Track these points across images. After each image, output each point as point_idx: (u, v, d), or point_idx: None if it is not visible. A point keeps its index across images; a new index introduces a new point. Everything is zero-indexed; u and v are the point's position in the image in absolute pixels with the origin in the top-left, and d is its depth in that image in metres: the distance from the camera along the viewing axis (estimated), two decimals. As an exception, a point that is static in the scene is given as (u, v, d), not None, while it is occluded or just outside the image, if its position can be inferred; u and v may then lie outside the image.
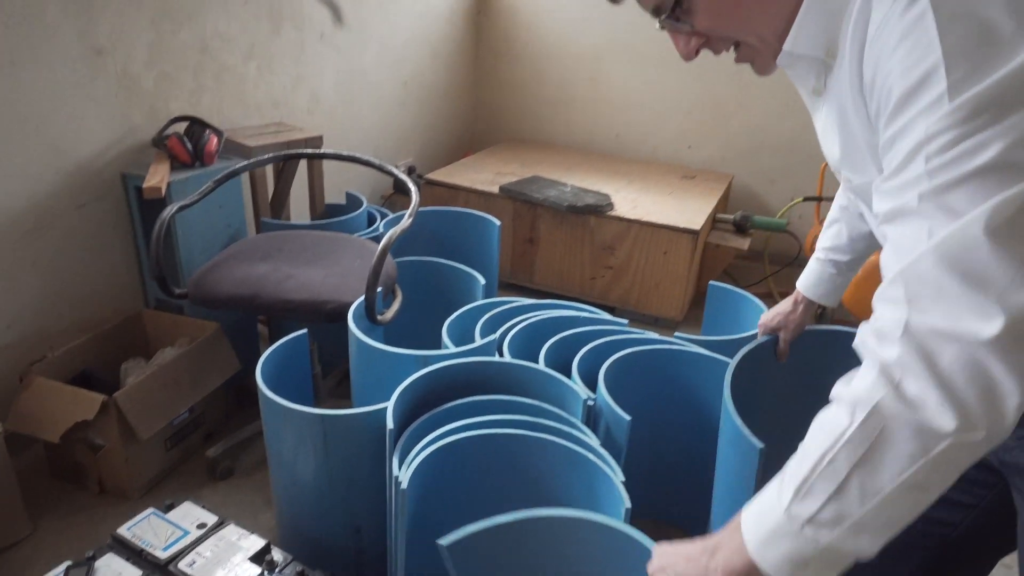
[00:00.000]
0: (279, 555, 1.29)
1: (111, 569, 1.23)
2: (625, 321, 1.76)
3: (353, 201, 2.39)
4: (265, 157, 1.98)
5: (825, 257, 1.18)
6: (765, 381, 1.35)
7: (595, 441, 1.27)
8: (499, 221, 2.23)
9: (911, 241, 0.54)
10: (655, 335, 1.68)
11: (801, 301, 1.25)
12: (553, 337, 1.63)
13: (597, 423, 1.42)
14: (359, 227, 2.23)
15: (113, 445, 1.61)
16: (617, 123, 3.58)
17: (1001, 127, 0.50)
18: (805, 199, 2.98)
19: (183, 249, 1.89)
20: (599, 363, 1.52)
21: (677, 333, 1.68)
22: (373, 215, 2.36)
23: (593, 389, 1.48)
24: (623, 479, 1.16)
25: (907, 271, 0.54)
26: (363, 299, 1.61)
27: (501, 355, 1.61)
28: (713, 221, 2.92)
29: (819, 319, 2.85)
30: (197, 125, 2.02)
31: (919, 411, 0.53)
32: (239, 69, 2.30)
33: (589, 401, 1.37)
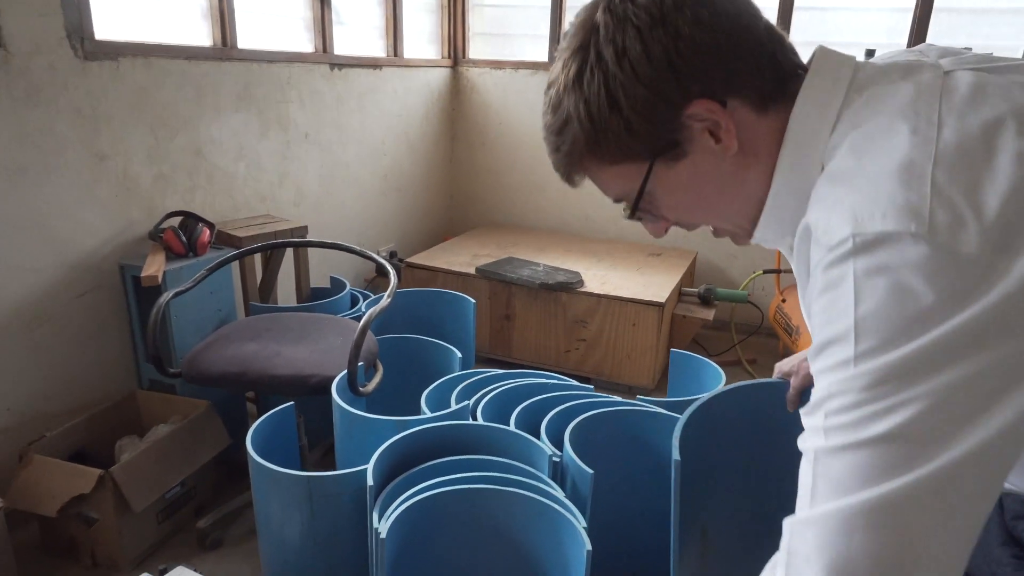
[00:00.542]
0: (267, 614, 1.37)
1: (107, 632, 1.30)
2: (591, 387, 1.89)
3: (337, 285, 2.55)
4: (254, 247, 2.15)
5: None
6: (725, 434, 1.35)
7: (560, 493, 1.39)
8: (474, 300, 2.38)
9: (803, 489, 0.56)
10: (618, 398, 1.81)
11: None
12: (523, 403, 1.76)
13: (564, 479, 1.53)
14: (342, 308, 2.38)
15: (107, 518, 1.69)
16: (586, 205, 3.81)
17: (899, 398, 0.50)
18: (764, 272, 3.18)
19: (177, 332, 2.02)
20: (566, 425, 1.64)
21: (639, 396, 1.81)
22: (356, 297, 2.51)
23: (560, 449, 1.59)
24: (585, 525, 1.27)
25: (793, 526, 0.56)
26: (346, 372, 1.74)
27: (475, 419, 1.73)
28: (679, 294, 3.10)
29: (783, 383, 2.99)
30: (191, 219, 2.19)
31: None
32: (229, 169, 2.50)
33: (555, 457, 1.49)
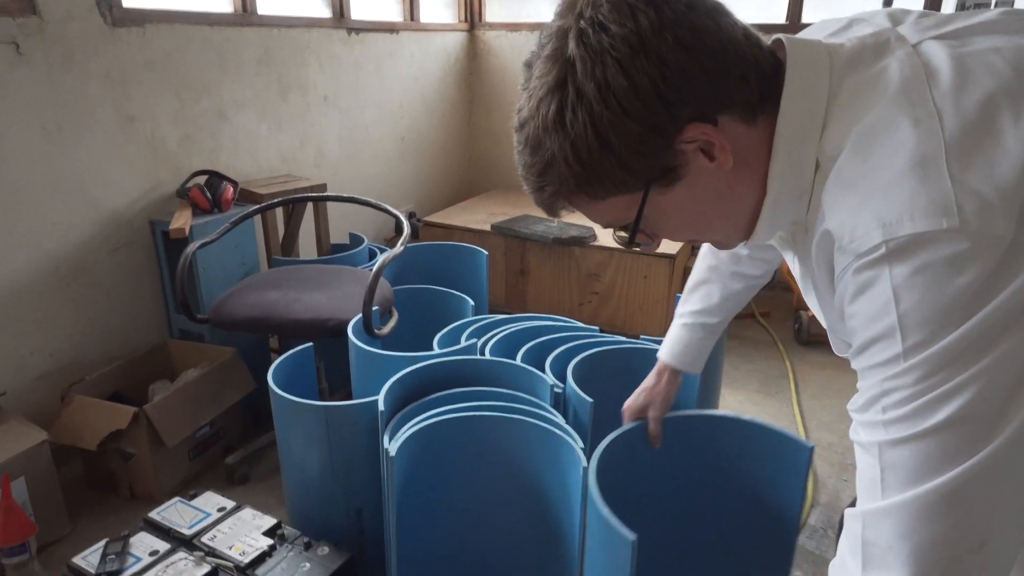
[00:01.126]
0: (289, 531, 1.48)
1: (144, 543, 1.43)
2: (596, 328, 1.96)
3: (356, 240, 2.64)
4: (276, 201, 2.25)
5: (693, 321, 1.13)
6: (643, 469, 1.25)
7: (560, 419, 1.46)
8: (486, 251, 2.46)
9: (870, 483, 0.56)
10: (621, 337, 1.88)
11: (665, 371, 1.17)
12: (530, 342, 1.84)
13: (566, 410, 1.61)
14: (361, 261, 2.47)
15: (143, 453, 1.82)
16: (603, 166, 3.84)
17: (954, 384, 0.51)
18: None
19: (204, 283, 2.14)
20: (569, 362, 1.72)
21: (643, 335, 1.88)
22: (374, 251, 2.60)
23: (564, 383, 1.67)
24: (583, 447, 1.35)
25: (867, 518, 0.56)
26: (361, 315, 1.83)
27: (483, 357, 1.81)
28: (691, 247, 3.13)
29: (797, 333, 3.03)
30: (215, 177, 2.29)
31: None
32: (252, 130, 2.59)
33: (556, 388, 1.56)
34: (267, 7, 2.61)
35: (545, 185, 0.66)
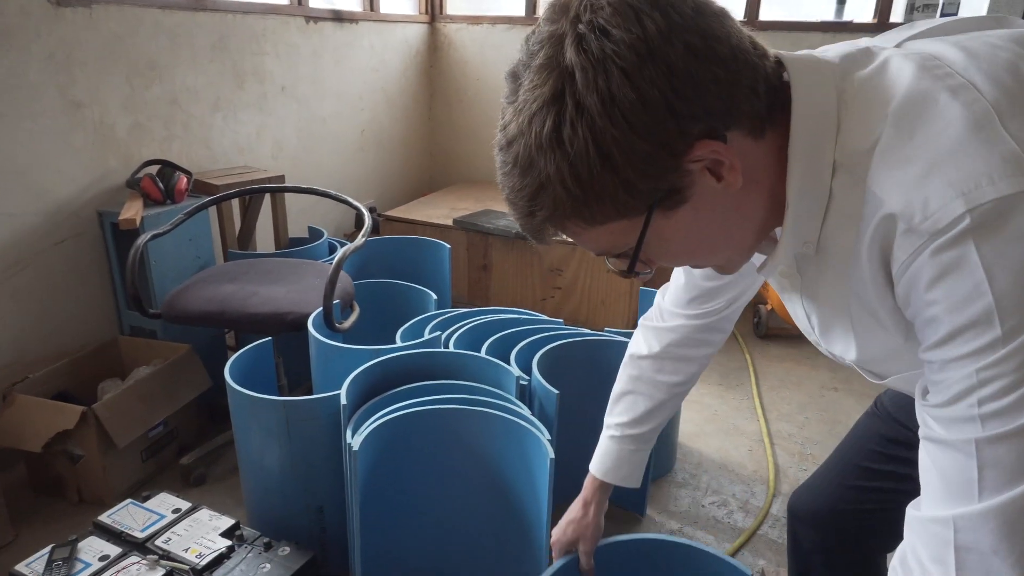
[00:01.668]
0: (248, 532, 1.43)
1: (93, 548, 1.36)
2: (560, 320, 1.95)
3: (315, 234, 2.58)
4: (231, 192, 2.18)
5: (620, 434, 1.06)
6: None
7: (526, 411, 1.45)
8: (448, 245, 2.43)
9: (962, 484, 0.52)
10: (585, 330, 1.87)
11: (591, 500, 1.09)
12: (494, 335, 1.81)
13: (532, 401, 1.60)
14: (321, 255, 2.42)
15: (92, 455, 1.74)
16: (564, 161, 3.83)
17: None
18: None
19: (156, 277, 2.06)
20: (534, 354, 1.70)
21: (607, 328, 1.87)
22: (334, 245, 2.55)
23: (529, 375, 1.65)
24: (549, 438, 1.33)
25: (961, 522, 0.52)
26: (321, 309, 1.79)
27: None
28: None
29: (756, 327, 3.07)
30: (168, 167, 2.21)
31: None
32: (206, 119, 2.51)
33: (522, 380, 1.55)
34: (221, -7, 2.53)
35: (537, 210, 0.59)
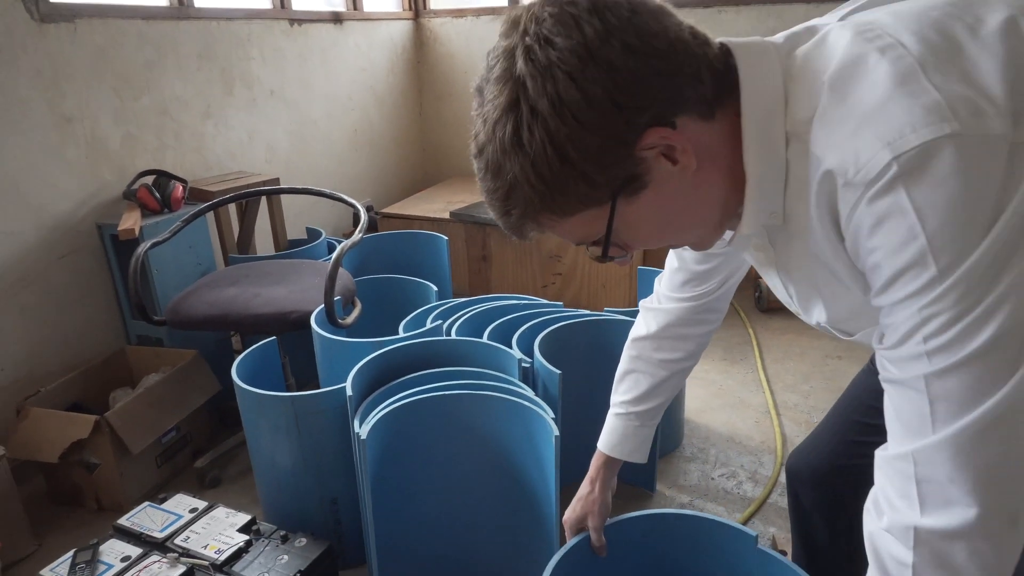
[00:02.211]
0: (264, 526, 1.46)
1: (114, 550, 1.39)
2: (560, 304, 1.97)
3: (313, 234, 2.60)
4: (228, 197, 2.20)
5: (625, 411, 1.09)
6: None
7: (530, 392, 1.47)
8: (446, 236, 2.45)
9: (917, 419, 0.56)
10: (585, 311, 1.89)
11: (597, 477, 1.11)
12: (495, 321, 1.83)
13: (535, 383, 1.62)
14: (320, 255, 2.43)
15: (107, 463, 1.77)
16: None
17: (993, 298, 0.51)
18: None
19: (159, 285, 2.08)
20: (536, 338, 1.72)
21: (607, 309, 1.89)
22: (332, 244, 2.57)
23: (531, 359, 1.67)
24: (554, 416, 1.35)
25: (919, 455, 0.56)
26: (323, 306, 1.81)
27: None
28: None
29: (757, 301, 3.09)
30: (163, 177, 2.23)
31: None
32: (197, 127, 2.53)
33: (524, 363, 1.57)
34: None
35: (511, 209, 0.64)
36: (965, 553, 0.55)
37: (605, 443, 1.11)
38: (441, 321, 1.77)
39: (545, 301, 2.00)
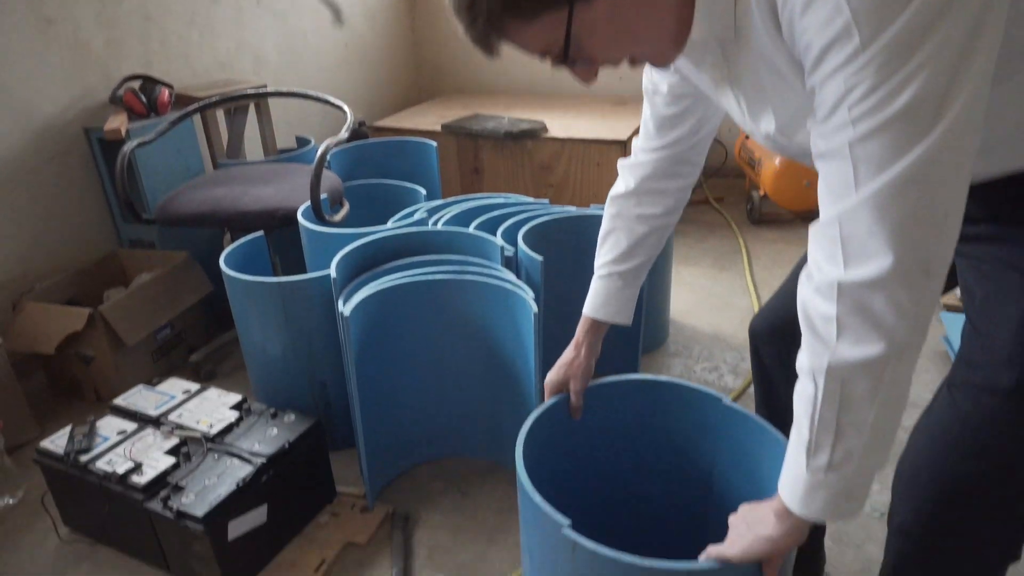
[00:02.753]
0: (255, 405, 1.51)
1: (111, 426, 1.44)
2: (547, 200, 1.98)
3: (303, 142, 2.60)
4: (215, 99, 2.19)
5: (607, 272, 1.10)
6: (569, 444, 1.16)
7: (511, 276, 1.49)
8: (435, 143, 2.44)
9: (842, 185, 0.60)
10: (572, 208, 1.90)
11: (583, 342, 1.11)
12: (481, 217, 1.85)
13: (518, 271, 1.64)
14: (309, 162, 2.42)
15: (103, 355, 1.82)
16: (552, 65, 3.78)
17: (912, 65, 0.54)
18: (728, 109, 3.20)
19: (148, 189, 2.10)
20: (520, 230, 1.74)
21: (593, 205, 1.90)
22: (322, 153, 2.56)
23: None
24: (533, 296, 1.38)
25: (843, 216, 0.60)
26: (310, 203, 1.82)
27: (436, 235, 1.82)
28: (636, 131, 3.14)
29: (749, 213, 3.09)
30: (149, 81, 2.22)
31: (860, 355, 0.62)
32: (183, 34, 2.49)
33: (506, 251, 1.59)
34: (185, -99, 2.47)
35: (476, 17, 0.67)
36: (883, 300, 0.60)
37: (589, 306, 1.12)
38: (426, 215, 1.79)
39: (531, 199, 2.01)
